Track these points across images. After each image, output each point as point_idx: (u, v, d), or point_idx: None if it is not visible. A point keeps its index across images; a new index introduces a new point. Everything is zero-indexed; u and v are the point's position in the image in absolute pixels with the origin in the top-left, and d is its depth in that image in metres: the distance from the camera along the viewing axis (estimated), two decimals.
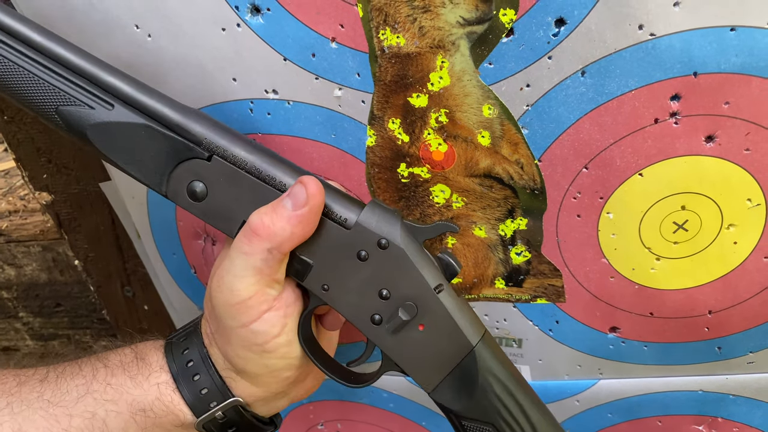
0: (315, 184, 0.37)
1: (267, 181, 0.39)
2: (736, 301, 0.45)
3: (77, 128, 0.38)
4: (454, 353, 0.40)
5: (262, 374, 0.41)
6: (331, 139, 0.44)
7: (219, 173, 0.39)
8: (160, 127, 0.38)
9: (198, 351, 0.42)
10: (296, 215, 0.37)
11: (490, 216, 0.45)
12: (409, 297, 0.39)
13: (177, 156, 0.39)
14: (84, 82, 0.38)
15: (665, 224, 0.42)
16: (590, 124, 0.39)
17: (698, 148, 0.39)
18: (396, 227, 0.39)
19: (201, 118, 0.39)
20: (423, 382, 0.42)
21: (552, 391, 0.53)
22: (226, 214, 0.40)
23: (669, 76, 0.37)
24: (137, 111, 0.38)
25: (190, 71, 0.43)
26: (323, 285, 0.40)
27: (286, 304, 0.40)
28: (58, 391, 0.40)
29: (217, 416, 0.42)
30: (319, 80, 0.41)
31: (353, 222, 0.39)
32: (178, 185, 0.40)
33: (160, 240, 0.54)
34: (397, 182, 0.45)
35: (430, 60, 0.39)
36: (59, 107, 0.38)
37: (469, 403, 0.41)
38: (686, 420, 0.52)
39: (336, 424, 0.63)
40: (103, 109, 0.38)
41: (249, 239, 0.38)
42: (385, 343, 0.41)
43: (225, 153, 0.39)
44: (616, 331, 0.48)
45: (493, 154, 0.42)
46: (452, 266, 0.41)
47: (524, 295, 0.48)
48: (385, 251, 0.39)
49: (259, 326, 0.39)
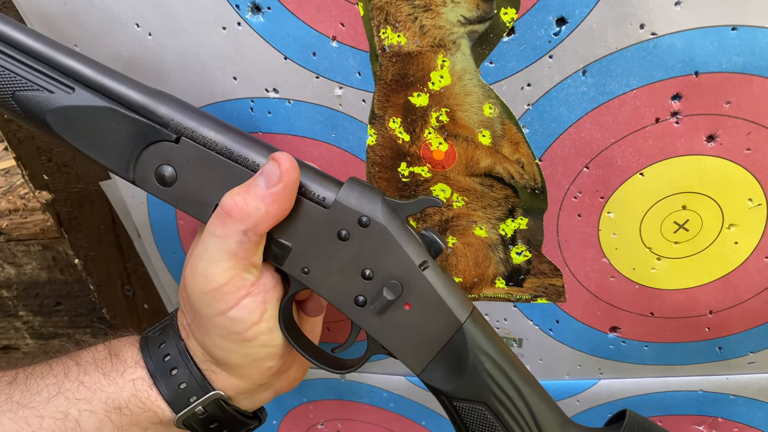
0: (288, 160, 0.36)
1: (239, 162, 0.37)
2: (736, 301, 0.45)
3: (36, 114, 0.37)
4: (442, 332, 0.39)
5: (243, 365, 0.40)
6: (332, 138, 0.44)
7: (188, 156, 0.37)
8: (124, 109, 0.37)
9: (175, 344, 0.41)
10: (270, 193, 0.35)
11: (491, 215, 0.45)
12: (393, 276, 0.38)
13: (143, 139, 0.37)
14: (41, 65, 0.36)
15: (666, 224, 0.42)
16: (591, 123, 0.39)
17: (699, 148, 0.39)
18: (377, 204, 0.37)
19: (167, 99, 0.38)
20: (411, 364, 0.40)
21: (552, 391, 0.53)
22: (197, 198, 0.38)
23: (670, 76, 0.37)
24: (99, 94, 0.37)
25: (190, 70, 0.43)
26: (303, 268, 0.39)
27: (265, 289, 0.39)
28: (27, 392, 0.39)
29: (198, 411, 0.40)
30: (320, 79, 0.41)
31: (332, 200, 0.37)
32: (146, 170, 0.38)
33: (160, 239, 0.54)
34: (398, 181, 0.45)
35: (431, 59, 0.39)
36: (16, 92, 0.36)
37: (460, 383, 0.39)
38: (686, 420, 0.52)
39: (336, 423, 0.63)
40: (63, 93, 0.37)
41: (222, 221, 0.36)
42: (370, 325, 0.39)
43: (194, 134, 0.37)
44: (617, 330, 0.48)
45: (493, 153, 0.42)
46: (437, 243, 0.39)
47: (524, 295, 0.48)
48: (367, 229, 0.37)
49: (236, 313, 0.38)
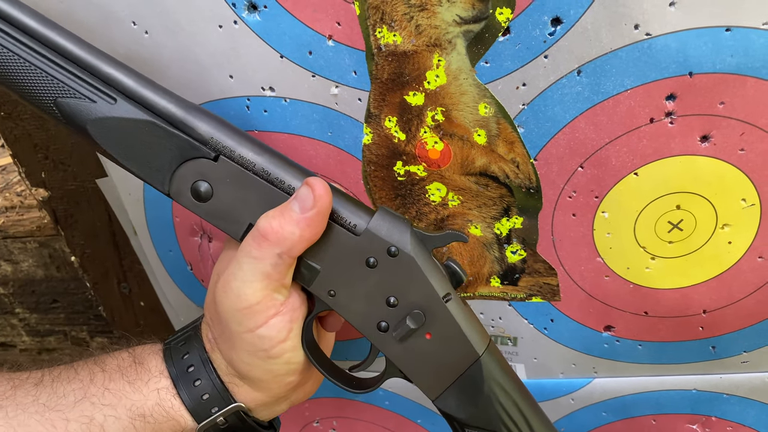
0: (321, 186, 0.37)
1: (275, 184, 0.38)
2: (730, 301, 0.45)
3: (77, 122, 0.37)
4: (460, 362, 0.40)
5: (267, 380, 0.41)
6: (328, 136, 0.44)
7: (226, 174, 0.38)
8: (165, 124, 0.37)
9: (199, 356, 0.42)
10: (304, 218, 0.37)
11: (486, 214, 0.45)
12: (417, 305, 0.39)
13: (182, 155, 0.38)
14: (84, 73, 0.37)
15: (660, 223, 0.42)
16: (586, 123, 0.39)
17: (693, 148, 0.39)
18: (406, 235, 0.38)
19: (207, 117, 0.38)
20: (427, 390, 0.41)
21: (547, 390, 0.53)
22: (231, 216, 0.39)
23: (664, 76, 0.37)
24: (141, 107, 0.37)
25: (187, 68, 0.43)
26: (330, 290, 0.40)
27: (292, 308, 0.40)
28: (54, 395, 0.40)
29: (219, 422, 0.41)
30: (316, 78, 0.41)
31: (363, 228, 0.38)
32: (182, 185, 0.39)
33: (157, 236, 0.54)
34: (393, 180, 0.45)
35: (427, 58, 0.39)
36: (58, 99, 0.36)
37: (474, 412, 0.41)
38: (680, 419, 0.52)
39: (332, 421, 0.63)
40: (105, 103, 0.37)
41: (258, 244, 0.37)
42: (391, 350, 0.40)
43: (232, 154, 0.38)
44: (611, 329, 0.48)
45: (489, 152, 0.42)
46: (458, 274, 0.40)
47: (519, 294, 0.48)
48: (395, 259, 0.38)
49: (265, 331, 0.39)
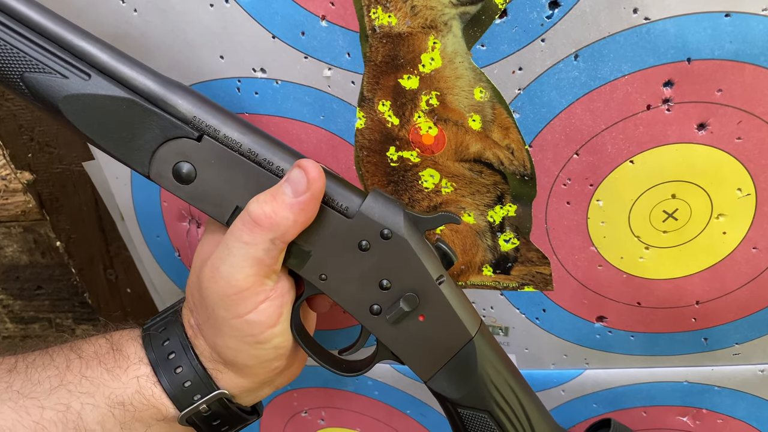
0: (315, 168, 0.36)
1: (263, 165, 0.37)
2: (723, 292, 0.45)
3: (48, 100, 0.35)
4: (452, 343, 0.40)
5: (253, 365, 0.40)
6: (320, 120, 0.43)
7: (210, 155, 0.37)
8: (144, 101, 0.36)
9: (180, 342, 0.41)
10: (297, 202, 0.36)
11: (479, 202, 0.44)
12: (410, 288, 0.39)
13: (162, 134, 0.36)
14: (54, 47, 0.34)
15: (655, 213, 0.42)
16: (582, 109, 0.39)
17: (690, 136, 0.39)
18: (399, 217, 0.38)
19: (189, 94, 0.37)
20: (420, 372, 0.41)
21: (538, 381, 0.53)
22: (216, 198, 0.38)
23: (662, 62, 0.36)
24: (117, 83, 0.35)
25: (177, 48, 0.42)
26: (321, 275, 0.39)
27: (282, 293, 0.39)
28: (28, 381, 0.39)
29: (202, 409, 0.41)
30: (308, 59, 0.40)
31: (355, 211, 0.38)
32: (163, 166, 0.37)
33: (144, 222, 0.53)
34: (386, 166, 0.44)
35: (422, 40, 0.39)
36: (25, 74, 0.34)
37: (467, 392, 0.41)
38: (671, 411, 0.52)
39: (320, 411, 0.62)
40: (78, 79, 0.35)
41: (250, 229, 0.36)
42: (383, 333, 0.40)
43: (217, 134, 0.37)
44: (603, 320, 0.48)
45: (483, 138, 0.42)
46: (449, 255, 0.40)
47: (512, 283, 0.48)
48: (388, 242, 0.38)
49: (254, 317, 0.38)
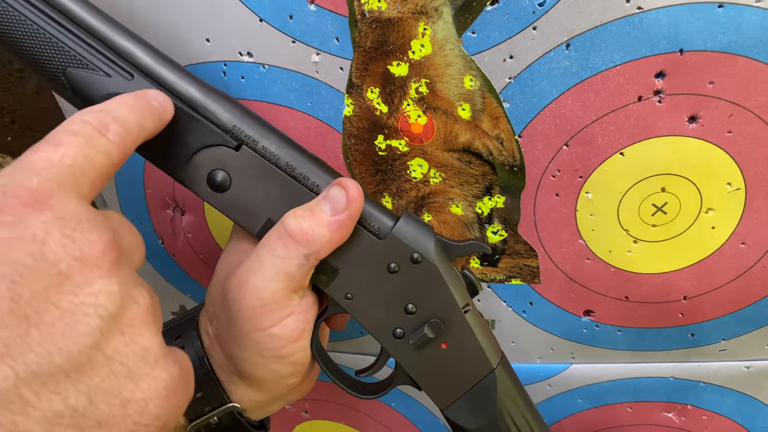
0: (356, 188, 0.35)
1: (299, 180, 0.36)
2: (711, 287, 0.44)
3: (88, 96, 0.34)
4: (473, 373, 0.40)
5: (269, 380, 0.39)
6: (307, 107, 0.43)
7: (247, 165, 0.36)
8: (185, 107, 0.35)
9: (195, 351, 0.40)
10: (336, 220, 0.35)
11: (468, 193, 0.44)
12: (435, 314, 0.38)
13: (201, 141, 0.36)
14: (101, 45, 0.34)
15: (644, 206, 0.42)
16: (573, 99, 0.38)
17: (681, 129, 0.38)
18: (430, 242, 0.37)
19: (230, 103, 0.36)
20: (438, 399, 0.41)
21: (523, 375, 0.52)
22: (249, 209, 0.37)
23: (655, 53, 0.36)
24: (159, 86, 0.35)
25: (162, 30, 0.41)
26: (347, 294, 0.38)
27: (306, 308, 0.38)
28: None
29: (212, 422, 0.40)
30: (296, 44, 0.40)
31: (387, 232, 0.37)
32: (197, 172, 0.36)
33: (127, 208, 0.52)
34: (374, 155, 0.44)
35: (412, 26, 0.38)
36: (68, 69, 0.34)
37: (484, 423, 0.40)
38: (656, 407, 0.52)
39: (304, 403, 0.62)
40: (121, 78, 0.34)
41: (285, 243, 0.35)
42: (404, 358, 0.40)
43: (256, 145, 0.36)
44: (591, 314, 0.48)
45: (473, 128, 0.41)
46: (475, 285, 0.40)
47: (499, 275, 0.47)
48: (417, 266, 0.37)
49: (278, 330, 0.37)
